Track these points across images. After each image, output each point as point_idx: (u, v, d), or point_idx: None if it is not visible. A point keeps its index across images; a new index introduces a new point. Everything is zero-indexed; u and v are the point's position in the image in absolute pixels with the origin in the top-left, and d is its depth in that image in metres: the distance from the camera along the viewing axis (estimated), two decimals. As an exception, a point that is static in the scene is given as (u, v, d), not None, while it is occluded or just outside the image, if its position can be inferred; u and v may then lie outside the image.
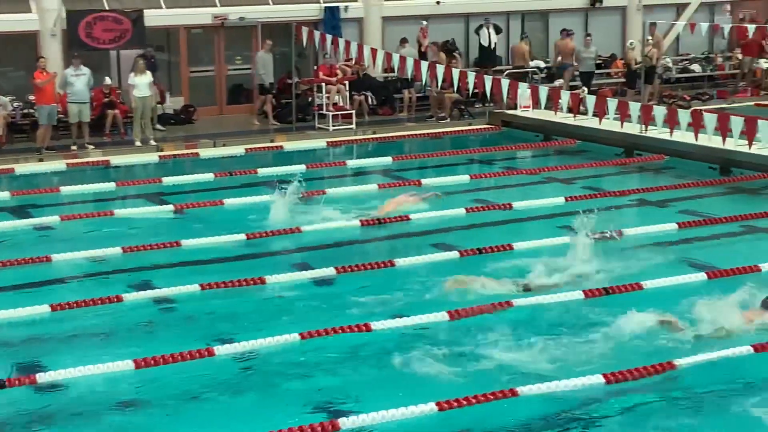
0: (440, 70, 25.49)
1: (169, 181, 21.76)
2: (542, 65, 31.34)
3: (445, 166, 23.20)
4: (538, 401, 11.16)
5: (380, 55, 26.26)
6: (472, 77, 25.54)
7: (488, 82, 25.42)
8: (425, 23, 29.72)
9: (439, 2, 30.53)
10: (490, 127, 27.42)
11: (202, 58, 28.64)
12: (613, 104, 24.51)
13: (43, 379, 11.77)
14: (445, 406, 10.86)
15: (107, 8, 26.72)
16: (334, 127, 26.60)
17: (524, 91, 26.03)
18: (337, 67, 27.94)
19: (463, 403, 10.93)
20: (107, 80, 26.08)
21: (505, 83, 25.59)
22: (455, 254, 16.24)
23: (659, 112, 23.60)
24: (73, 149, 24.32)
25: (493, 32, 30.47)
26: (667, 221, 18.01)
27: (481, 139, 26.56)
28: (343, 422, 10.55)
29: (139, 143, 24.69)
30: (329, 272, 15.48)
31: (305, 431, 10.36)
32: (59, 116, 24.79)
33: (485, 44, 30.46)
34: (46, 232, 18.23)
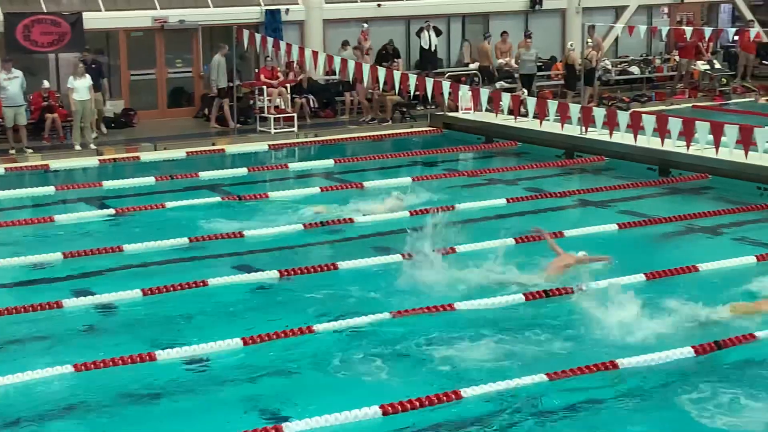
0: (381, 72, 25.55)
1: (109, 185, 21.58)
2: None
3: (387, 168, 23.23)
4: (481, 402, 11.22)
5: (321, 57, 26.26)
6: (413, 79, 25.59)
7: (429, 84, 25.50)
8: (366, 26, 29.76)
9: (380, 5, 30.58)
10: (431, 129, 27.49)
11: (142, 61, 28.44)
12: (553, 106, 24.69)
13: (-18, 386, 11.65)
14: (389, 409, 10.89)
15: (45, 11, 26.46)
16: (275, 130, 26.54)
17: (465, 93, 26.14)
18: (278, 69, 27.89)
19: (407, 406, 10.97)
20: (45, 84, 25.82)
21: (446, 85, 25.69)
22: (398, 257, 16.27)
23: (599, 113, 23.81)
24: (11, 153, 24.06)
25: (433, 35, 30.59)
26: (607, 222, 18.17)
27: (422, 141, 26.62)
28: (287, 426, 10.54)
29: (78, 147, 24.47)
30: (272, 275, 15.45)
31: (249, 436, 10.36)
32: (-4, 121, 24.53)
33: (426, 47, 30.57)
34: (-16, 237, 18.03)
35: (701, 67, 33.00)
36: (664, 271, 15.44)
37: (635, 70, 33.34)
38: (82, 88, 24.49)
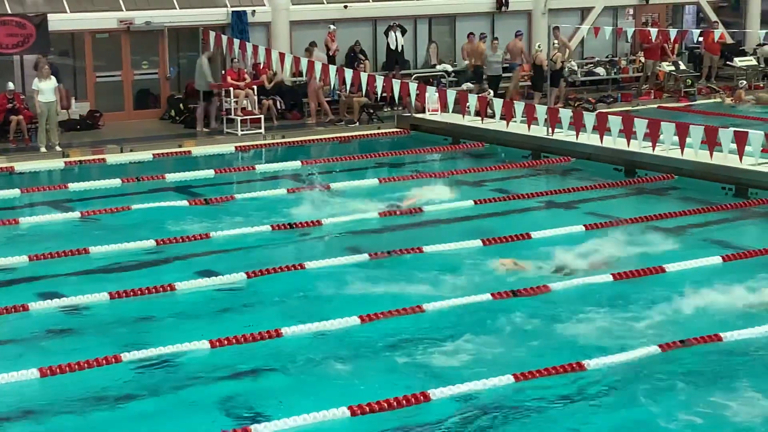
0: (348, 74, 25.54)
1: (75, 187, 21.47)
2: (449, 69, 31.53)
3: (354, 170, 23.23)
4: (449, 403, 11.24)
5: (288, 59, 26.22)
6: (380, 81, 25.61)
7: (396, 85, 25.51)
8: (333, 27, 29.74)
9: (346, 6, 30.57)
10: (398, 130, 27.50)
11: (108, 63, 28.30)
12: (520, 107, 24.75)
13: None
14: (357, 410, 10.89)
15: (9, 12, 26.28)
16: (242, 131, 26.48)
17: (432, 94, 26.18)
18: (245, 71, 27.83)
19: (375, 407, 10.98)
20: (10, 86, 25.64)
21: (413, 87, 25.71)
22: (365, 257, 16.29)
23: (565, 114, 23.90)
24: (-25, 156, 23.92)
25: (400, 35, 30.62)
26: (574, 223, 18.24)
27: (390, 142, 26.63)
28: (254, 428, 10.52)
29: (44, 149, 24.32)
30: (239, 277, 15.42)
31: (217, 438, 10.34)
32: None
33: (393, 47, 30.59)
34: (-51, 240, 17.91)
35: (666, 68, 33.16)
36: (631, 271, 15.52)
37: (601, 71, 33.46)
38: (47, 89, 24.34)
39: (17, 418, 11.12)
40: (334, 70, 25.84)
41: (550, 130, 24.24)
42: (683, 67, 33.79)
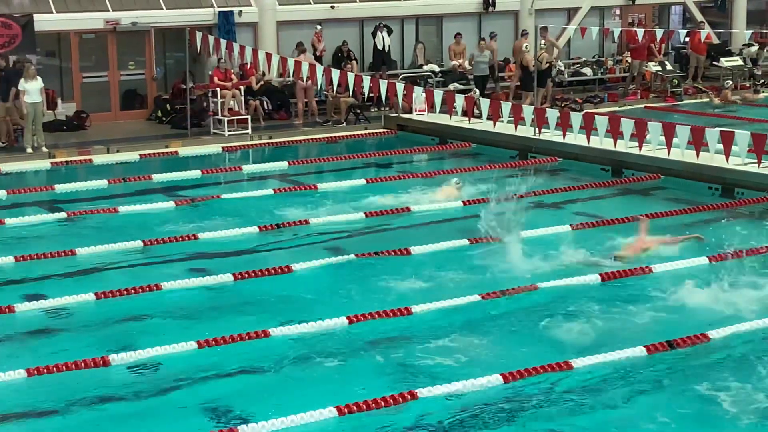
0: (335, 74, 25.53)
1: (62, 188, 21.42)
2: (436, 69, 31.54)
3: (341, 170, 23.22)
4: (437, 402, 11.24)
5: (275, 59, 26.20)
6: (367, 81, 25.60)
7: (383, 86, 25.51)
8: (319, 27, 29.73)
9: (333, 7, 30.56)
10: (385, 131, 27.50)
11: (94, 63, 28.25)
12: (506, 107, 24.76)
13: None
14: (344, 410, 10.89)
15: (-5, 13, 26.25)
16: (229, 132, 26.44)
17: (419, 95, 26.19)
18: (232, 71, 27.80)
19: (362, 407, 10.97)
20: (-4, 86, 25.59)
21: (400, 87, 25.71)
22: (352, 257, 16.28)
23: (552, 115, 23.91)
24: (-38, 157, 23.85)
25: (387, 36, 30.63)
26: (560, 223, 18.26)
27: (377, 143, 26.63)
28: (242, 429, 10.51)
29: (30, 150, 24.26)
30: (227, 278, 15.40)
31: (204, 439, 10.33)
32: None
33: (380, 48, 30.60)
34: (-66, 242, 17.85)
35: (653, 68, 33.23)
36: (618, 272, 15.54)
37: (588, 71, 33.52)
38: (33, 90, 24.28)
39: (4, 419, 11.08)
40: (321, 70, 25.83)
41: (537, 130, 24.26)
42: (670, 67, 33.88)
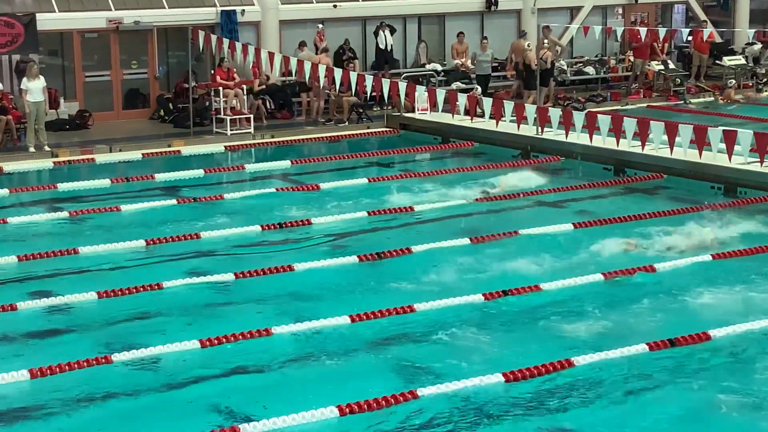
0: (338, 73, 25.54)
1: (64, 187, 21.44)
2: (439, 68, 31.53)
3: (343, 169, 23.23)
4: (437, 402, 11.24)
5: (278, 58, 26.20)
6: (369, 80, 25.59)
7: (386, 85, 25.51)
8: (322, 26, 29.73)
9: (336, 6, 30.56)
10: (388, 130, 27.50)
11: (97, 62, 28.26)
12: (509, 106, 24.74)
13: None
14: (346, 410, 10.89)
15: (-2, 12, 26.26)
16: (232, 131, 26.45)
17: (422, 93, 26.18)
18: (234, 71, 27.80)
19: (364, 407, 10.98)
20: (-1, 85, 25.65)
21: (402, 86, 25.71)
22: (354, 257, 16.28)
23: (555, 114, 23.90)
24: (-36, 156, 23.85)
25: (389, 35, 30.63)
26: (562, 222, 18.26)
27: (379, 142, 26.64)
28: (244, 428, 10.51)
29: (33, 149, 24.27)
30: (228, 278, 15.41)
31: (206, 438, 10.33)
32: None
33: (382, 47, 30.60)
34: (-63, 241, 17.87)
35: (656, 67, 33.20)
36: (621, 270, 15.54)
37: (590, 70, 33.49)
38: (35, 89, 24.29)
39: (7, 419, 11.09)
40: (323, 69, 25.84)
41: (539, 129, 24.25)
42: (672, 66, 33.85)
